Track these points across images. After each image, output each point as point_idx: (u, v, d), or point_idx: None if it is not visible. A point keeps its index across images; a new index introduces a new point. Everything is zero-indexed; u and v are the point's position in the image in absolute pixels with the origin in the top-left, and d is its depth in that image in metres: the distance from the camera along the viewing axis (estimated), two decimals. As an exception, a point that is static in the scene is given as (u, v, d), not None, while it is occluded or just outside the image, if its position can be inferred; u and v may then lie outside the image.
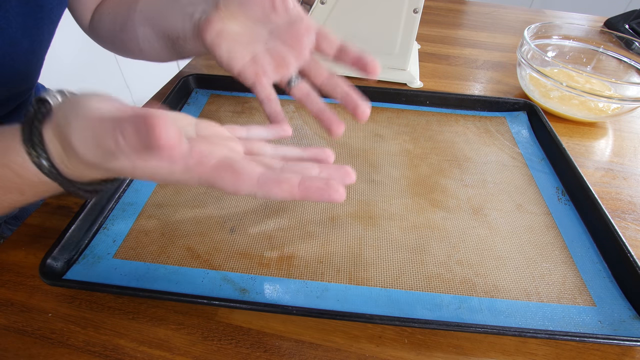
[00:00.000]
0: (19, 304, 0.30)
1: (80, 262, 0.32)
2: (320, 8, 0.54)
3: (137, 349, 0.28)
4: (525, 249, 0.34)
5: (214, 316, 0.30)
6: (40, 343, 0.28)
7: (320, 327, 0.29)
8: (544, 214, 0.38)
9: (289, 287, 0.31)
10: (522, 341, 0.29)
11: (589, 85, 0.53)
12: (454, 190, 0.40)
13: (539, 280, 0.32)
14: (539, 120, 0.48)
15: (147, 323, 0.29)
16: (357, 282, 0.31)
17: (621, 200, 0.41)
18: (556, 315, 0.30)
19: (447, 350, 0.28)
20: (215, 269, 0.32)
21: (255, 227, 0.35)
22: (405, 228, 0.36)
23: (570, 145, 0.49)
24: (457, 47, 0.73)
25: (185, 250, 0.33)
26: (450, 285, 0.31)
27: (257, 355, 0.28)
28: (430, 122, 0.50)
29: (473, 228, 0.36)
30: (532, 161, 0.44)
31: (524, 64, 0.54)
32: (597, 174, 0.45)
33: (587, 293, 0.31)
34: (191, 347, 0.28)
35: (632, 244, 0.36)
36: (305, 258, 0.33)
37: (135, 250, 0.33)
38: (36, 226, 0.36)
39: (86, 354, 0.27)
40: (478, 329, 0.27)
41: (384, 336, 0.29)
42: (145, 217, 0.36)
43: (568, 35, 0.62)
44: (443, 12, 0.89)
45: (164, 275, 0.31)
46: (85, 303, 0.30)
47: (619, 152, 0.49)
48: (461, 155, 0.45)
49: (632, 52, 0.58)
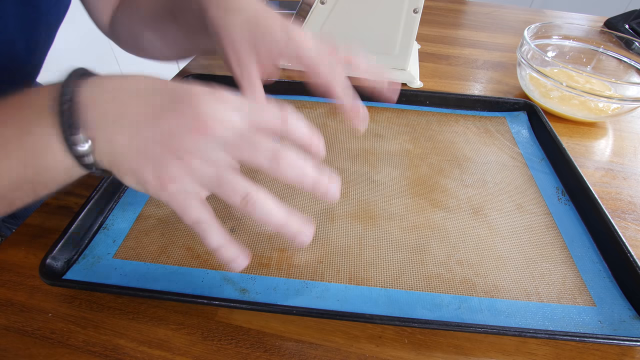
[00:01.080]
0: (19, 304, 0.30)
1: (80, 262, 0.32)
2: (320, 8, 0.54)
3: (137, 349, 0.28)
4: (525, 249, 0.34)
5: (214, 316, 0.30)
6: (40, 343, 0.28)
7: (320, 327, 0.29)
8: (544, 214, 0.38)
9: (289, 287, 0.31)
10: (522, 341, 0.29)
11: (589, 85, 0.53)
12: (454, 190, 0.40)
13: (539, 280, 0.32)
14: (539, 120, 0.48)
15: (147, 323, 0.29)
16: (357, 282, 0.31)
17: (621, 200, 0.41)
18: (556, 315, 0.30)
19: (447, 350, 0.28)
20: (215, 269, 0.32)
21: (255, 227, 0.35)
22: (405, 228, 0.36)
23: (570, 145, 0.49)
24: (457, 47, 0.73)
25: (185, 250, 0.33)
26: (450, 285, 0.31)
27: (257, 355, 0.28)
28: (430, 122, 0.50)
29: (473, 228, 0.36)
30: (532, 161, 0.44)
31: (524, 64, 0.54)
32: (597, 174, 0.45)
33: (587, 293, 0.31)
34: (191, 347, 0.28)
35: (632, 244, 0.36)
36: (305, 258, 0.33)
37: (135, 250, 0.33)
38: (36, 226, 0.36)
39: (86, 354, 0.27)
40: (478, 329, 0.27)
41: (384, 336, 0.29)
42: (145, 217, 0.36)
43: (568, 35, 0.62)
44: (443, 12, 0.88)
45: (164, 275, 0.31)
46: (85, 303, 0.30)
47: (619, 152, 0.49)
48: (461, 155, 0.45)
49: (632, 52, 0.58)
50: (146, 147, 0.21)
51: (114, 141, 0.21)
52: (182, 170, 0.22)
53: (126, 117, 0.21)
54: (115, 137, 0.21)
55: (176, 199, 0.22)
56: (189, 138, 0.21)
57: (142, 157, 0.22)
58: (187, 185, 0.22)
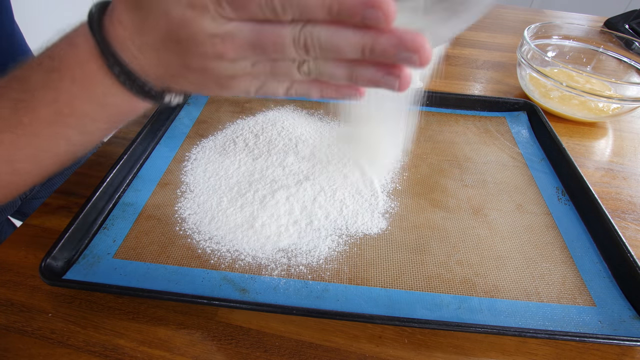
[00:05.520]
0: (19, 304, 0.30)
1: (80, 262, 0.32)
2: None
3: (137, 349, 0.28)
4: (525, 249, 0.34)
5: (214, 316, 0.30)
6: (40, 343, 0.28)
7: (320, 327, 0.29)
8: (544, 214, 0.38)
9: (289, 287, 0.31)
10: (522, 341, 0.29)
11: (589, 85, 0.53)
12: (454, 190, 0.40)
13: (539, 280, 0.32)
14: (539, 120, 0.48)
15: (147, 323, 0.29)
16: (357, 282, 0.31)
17: (621, 200, 0.41)
18: (556, 315, 0.30)
19: (447, 350, 0.28)
20: (215, 269, 0.32)
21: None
22: (405, 228, 0.36)
23: (570, 145, 0.49)
24: (457, 47, 0.73)
25: (185, 250, 0.33)
26: (450, 285, 0.31)
27: (257, 355, 0.28)
28: (430, 122, 0.50)
29: (473, 228, 0.36)
30: (532, 161, 0.44)
31: (524, 64, 0.54)
32: (597, 174, 0.45)
33: (587, 293, 0.31)
34: (191, 347, 0.28)
35: (632, 244, 0.36)
36: (305, 258, 0.33)
37: (135, 250, 0.33)
38: (36, 226, 0.36)
39: (86, 354, 0.27)
40: (478, 329, 0.27)
41: (384, 336, 0.29)
42: (145, 217, 0.36)
43: (568, 35, 0.62)
44: (443, 12, 0.88)
45: (164, 275, 0.31)
46: (85, 303, 0.30)
47: (619, 152, 0.49)
48: (461, 155, 0.45)
49: (632, 52, 0.58)
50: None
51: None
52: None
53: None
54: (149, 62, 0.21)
55: (251, 89, 0.22)
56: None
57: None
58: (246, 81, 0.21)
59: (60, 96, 0.22)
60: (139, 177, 0.40)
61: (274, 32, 0.18)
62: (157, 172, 0.41)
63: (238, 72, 0.20)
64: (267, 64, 0.20)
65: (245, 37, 0.19)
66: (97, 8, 0.21)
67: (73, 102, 0.22)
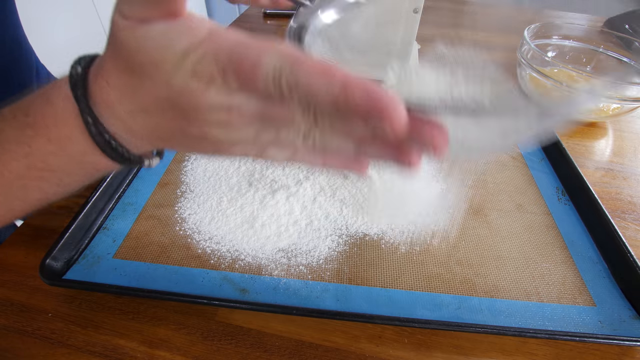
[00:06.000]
0: (19, 304, 0.30)
1: (80, 262, 0.32)
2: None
3: (137, 349, 0.28)
4: (525, 249, 0.34)
5: (214, 316, 0.30)
6: (40, 343, 0.28)
7: (320, 327, 0.29)
8: (544, 214, 0.38)
9: (289, 287, 0.31)
10: (522, 341, 0.29)
11: (589, 85, 0.53)
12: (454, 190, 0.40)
13: (539, 280, 0.32)
14: (539, 120, 0.48)
15: (147, 323, 0.29)
16: (357, 282, 0.31)
17: (621, 200, 0.41)
18: (556, 315, 0.30)
19: (447, 350, 0.28)
20: (215, 269, 0.32)
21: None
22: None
23: (570, 145, 0.49)
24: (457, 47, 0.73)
25: (185, 250, 0.33)
26: (450, 285, 0.31)
27: (257, 355, 0.28)
28: (430, 122, 0.50)
29: (473, 228, 0.36)
30: (532, 161, 0.44)
31: (524, 64, 0.54)
32: (597, 174, 0.45)
33: (587, 293, 0.31)
34: (191, 347, 0.28)
35: (632, 244, 0.36)
36: (305, 258, 0.33)
37: (135, 250, 0.33)
38: (36, 226, 0.36)
39: (86, 354, 0.27)
40: (478, 329, 0.27)
41: (384, 336, 0.29)
42: (145, 217, 0.36)
43: (568, 35, 0.62)
44: (443, 12, 0.88)
45: (164, 275, 0.31)
46: (85, 303, 0.30)
47: (619, 152, 0.49)
48: (461, 155, 0.45)
49: (632, 52, 0.58)
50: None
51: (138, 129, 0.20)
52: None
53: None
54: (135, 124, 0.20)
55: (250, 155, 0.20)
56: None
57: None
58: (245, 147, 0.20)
59: (33, 152, 0.21)
60: (139, 177, 0.40)
61: (282, 106, 0.17)
62: (157, 172, 0.41)
63: (240, 139, 0.19)
64: (272, 133, 0.19)
65: (252, 108, 0.18)
66: (82, 66, 0.19)
67: (47, 159, 0.21)
